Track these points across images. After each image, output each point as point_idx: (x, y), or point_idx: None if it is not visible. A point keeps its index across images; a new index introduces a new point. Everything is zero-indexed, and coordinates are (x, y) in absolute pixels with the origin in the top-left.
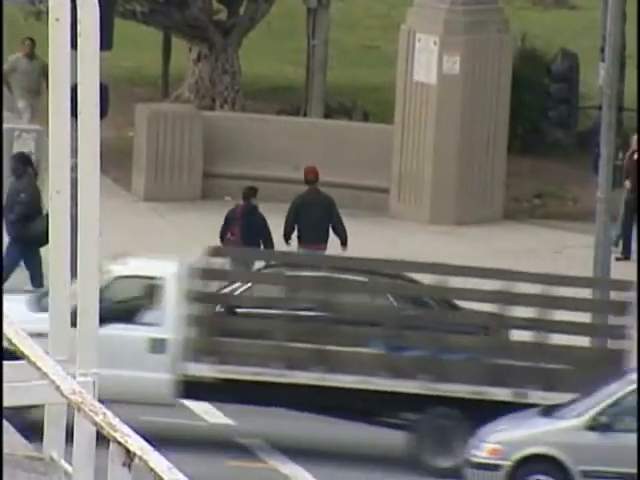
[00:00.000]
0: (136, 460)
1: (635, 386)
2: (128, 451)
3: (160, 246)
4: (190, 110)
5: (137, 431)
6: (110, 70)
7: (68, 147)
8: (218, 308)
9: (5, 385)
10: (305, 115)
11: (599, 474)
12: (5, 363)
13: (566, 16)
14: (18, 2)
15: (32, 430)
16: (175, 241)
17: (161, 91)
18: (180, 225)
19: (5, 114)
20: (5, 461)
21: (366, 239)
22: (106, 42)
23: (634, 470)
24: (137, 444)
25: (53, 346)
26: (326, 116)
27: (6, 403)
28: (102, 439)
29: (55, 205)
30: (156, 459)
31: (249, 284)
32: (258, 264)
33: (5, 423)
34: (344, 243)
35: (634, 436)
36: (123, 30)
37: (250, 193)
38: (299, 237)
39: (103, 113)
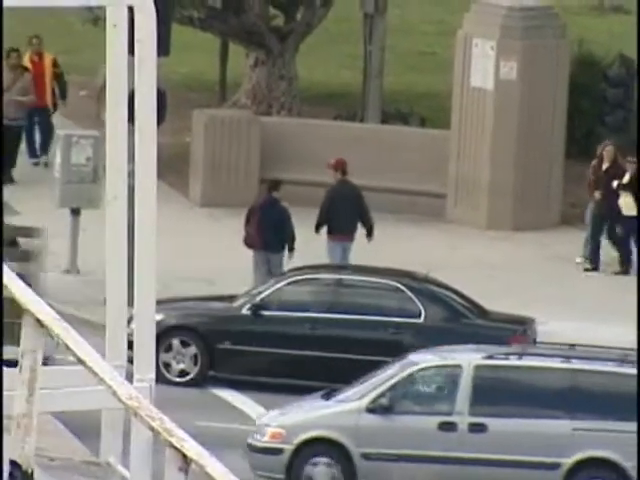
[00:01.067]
0: (192, 465)
1: (414, 369)
2: (185, 456)
3: (216, 252)
4: (247, 116)
5: (194, 436)
6: (167, 76)
7: (125, 153)
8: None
9: (62, 390)
10: (362, 121)
11: (379, 456)
12: (61, 368)
13: (623, 21)
14: (76, 8)
15: None
16: (231, 246)
17: (218, 97)
18: (237, 230)
19: (63, 120)
20: (63, 466)
21: (422, 244)
22: (163, 48)
23: (413, 451)
24: (194, 449)
25: (110, 351)
26: (383, 122)
27: (64, 408)
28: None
29: (112, 211)
30: (213, 464)
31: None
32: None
33: (62, 427)
34: (370, 234)
35: (413, 418)
36: (180, 36)
37: (272, 186)
38: (330, 228)
39: (160, 119)
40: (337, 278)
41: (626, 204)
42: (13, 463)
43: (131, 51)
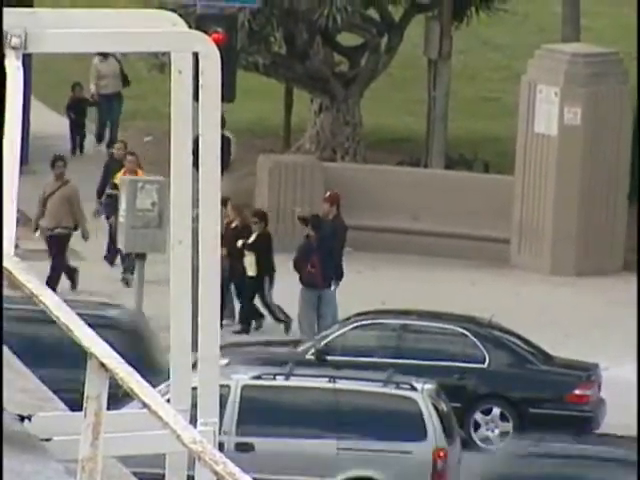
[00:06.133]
0: None
1: None
2: None
3: (281, 297)
4: (311, 161)
5: None
6: (232, 122)
7: (189, 199)
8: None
9: (127, 434)
10: (425, 166)
11: None
12: (126, 412)
13: None
14: (142, 54)
15: None
16: (296, 292)
17: (282, 142)
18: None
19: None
20: None
21: (487, 290)
22: (228, 94)
23: None
24: None
25: (174, 395)
26: (447, 167)
27: (128, 452)
28: None
29: (177, 255)
30: None
31: None
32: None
33: (126, 471)
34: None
35: None
36: (245, 82)
37: (315, 224)
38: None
39: (225, 165)
40: (402, 323)
41: (250, 264)
42: None
43: (196, 97)
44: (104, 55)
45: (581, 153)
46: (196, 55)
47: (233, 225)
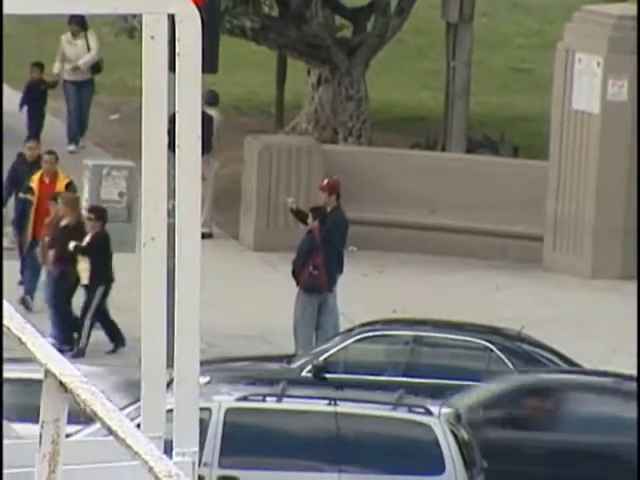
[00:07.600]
0: None
1: None
2: None
3: (272, 304)
4: (308, 143)
5: None
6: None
7: (164, 187)
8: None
9: (90, 466)
10: (444, 149)
11: None
12: (90, 439)
13: None
14: (108, 17)
15: None
16: (289, 298)
17: (274, 121)
18: None
19: (91, 148)
20: None
21: (516, 296)
22: (210, 64)
23: None
24: None
25: (146, 420)
26: (468, 151)
27: None
28: None
29: (149, 254)
30: None
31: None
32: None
33: None
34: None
35: None
36: (231, 50)
37: (321, 216)
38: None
39: (206, 147)
40: (415, 335)
41: (84, 271)
42: None
43: (172, 67)
44: (74, 34)
45: (628, 133)
46: (172, 17)
47: (64, 223)
